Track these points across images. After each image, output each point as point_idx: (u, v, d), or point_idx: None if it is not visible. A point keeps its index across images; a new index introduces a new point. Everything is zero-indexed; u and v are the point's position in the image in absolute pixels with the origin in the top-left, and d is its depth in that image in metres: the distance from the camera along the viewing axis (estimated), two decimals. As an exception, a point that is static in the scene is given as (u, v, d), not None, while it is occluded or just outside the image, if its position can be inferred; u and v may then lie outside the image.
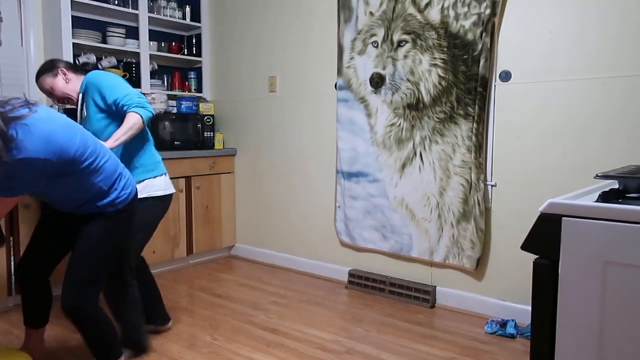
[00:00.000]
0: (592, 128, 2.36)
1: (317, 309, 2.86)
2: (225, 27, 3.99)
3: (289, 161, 3.64)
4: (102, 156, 1.78)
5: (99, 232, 1.82)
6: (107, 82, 2.23)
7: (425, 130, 2.86)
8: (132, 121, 2.15)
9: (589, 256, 1.13)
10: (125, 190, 1.86)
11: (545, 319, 1.21)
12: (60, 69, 2.30)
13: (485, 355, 2.27)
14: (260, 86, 3.78)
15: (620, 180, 1.30)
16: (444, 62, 2.75)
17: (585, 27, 2.35)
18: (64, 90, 2.31)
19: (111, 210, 1.82)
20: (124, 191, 1.86)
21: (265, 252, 3.84)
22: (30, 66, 3.32)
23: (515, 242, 2.61)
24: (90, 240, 1.82)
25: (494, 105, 2.65)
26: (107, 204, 1.81)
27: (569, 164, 2.43)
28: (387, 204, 3.05)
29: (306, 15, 3.44)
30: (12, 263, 2.77)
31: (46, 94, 2.35)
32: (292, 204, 3.64)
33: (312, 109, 3.47)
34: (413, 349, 2.34)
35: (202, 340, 2.42)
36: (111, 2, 3.49)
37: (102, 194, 1.78)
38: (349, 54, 3.16)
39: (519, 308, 2.60)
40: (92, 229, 1.82)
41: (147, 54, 3.68)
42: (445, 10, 2.72)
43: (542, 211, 1.19)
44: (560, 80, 2.43)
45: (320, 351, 2.31)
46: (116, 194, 1.82)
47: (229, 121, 4.02)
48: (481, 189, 2.66)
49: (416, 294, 2.93)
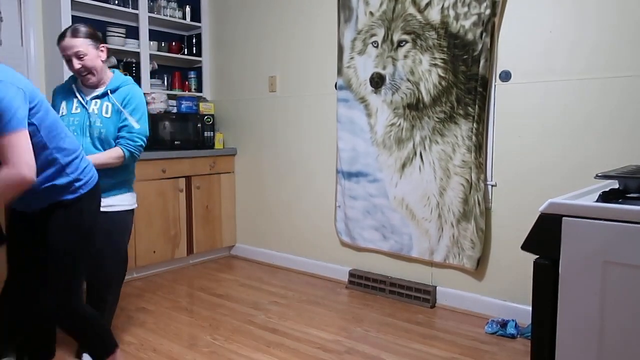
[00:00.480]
0: (592, 128, 2.36)
1: (317, 309, 2.86)
2: (225, 27, 3.99)
3: (289, 161, 3.64)
4: (60, 129, 1.70)
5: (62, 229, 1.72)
6: (139, 106, 2.22)
7: (425, 130, 2.86)
8: (116, 156, 2.14)
9: (589, 256, 1.13)
10: (86, 175, 1.77)
11: (545, 319, 1.20)
12: (104, 46, 2.21)
13: (486, 356, 2.27)
14: (261, 86, 3.78)
15: (620, 180, 1.30)
16: (444, 62, 2.75)
17: (585, 27, 2.35)
18: (95, 65, 2.15)
19: (71, 198, 1.71)
20: (84, 175, 1.75)
21: (266, 252, 3.84)
22: (30, 66, 3.31)
23: (516, 242, 2.61)
24: (57, 243, 1.72)
25: (494, 105, 2.65)
26: (66, 185, 1.70)
27: (569, 163, 2.43)
28: (387, 204, 3.05)
29: (306, 15, 3.44)
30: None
31: (70, 55, 2.13)
32: (293, 203, 3.64)
33: (312, 109, 3.47)
34: (413, 349, 2.34)
35: (202, 340, 2.42)
36: (111, 2, 3.49)
37: (60, 170, 1.68)
38: (349, 54, 3.16)
39: (520, 308, 2.59)
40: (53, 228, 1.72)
41: (147, 54, 3.68)
42: (445, 10, 2.72)
43: (542, 211, 1.19)
44: (560, 80, 2.43)
45: (320, 351, 2.31)
46: (76, 175, 1.72)
47: (229, 121, 4.02)
48: (481, 189, 2.66)
49: (416, 294, 2.93)
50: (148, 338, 2.44)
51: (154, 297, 3.01)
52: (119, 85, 2.22)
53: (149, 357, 2.23)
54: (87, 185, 1.77)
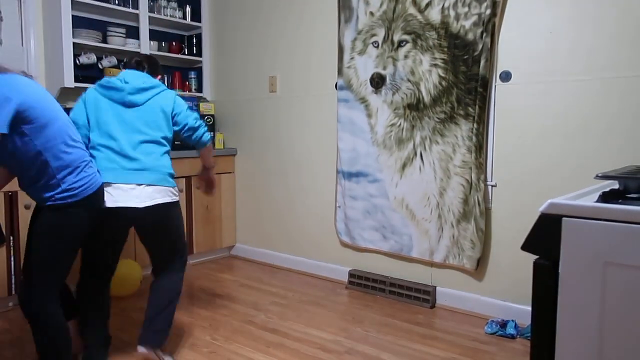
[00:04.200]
0: (592, 128, 2.36)
1: (317, 309, 2.86)
2: (226, 27, 3.99)
3: (289, 161, 3.64)
4: (62, 140, 1.79)
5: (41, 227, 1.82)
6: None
7: (426, 130, 2.85)
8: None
9: (589, 256, 1.12)
10: (81, 186, 1.84)
11: (545, 319, 1.20)
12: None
13: (485, 356, 2.27)
14: (261, 86, 3.78)
15: (620, 180, 1.29)
16: (444, 62, 2.75)
17: (585, 27, 2.35)
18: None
19: (58, 204, 1.80)
20: (76, 185, 1.83)
21: (266, 252, 3.84)
22: (30, 66, 3.32)
23: (516, 243, 2.61)
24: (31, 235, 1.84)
25: (494, 105, 2.65)
26: (54, 191, 1.78)
27: (569, 164, 2.43)
28: (388, 204, 3.05)
29: (307, 15, 3.44)
30: (12, 263, 2.77)
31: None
32: (293, 204, 3.64)
33: (312, 109, 3.47)
34: (413, 349, 2.34)
35: (202, 340, 2.42)
36: (111, 2, 3.49)
37: (51, 177, 1.77)
38: (349, 54, 3.16)
39: (519, 308, 2.59)
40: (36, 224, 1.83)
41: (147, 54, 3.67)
42: (445, 10, 2.72)
43: (543, 211, 1.19)
44: (561, 81, 2.43)
45: (320, 351, 2.31)
46: (67, 185, 1.80)
47: (229, 121, 4.02)
48: (481, 189, 2.66)
49: (416, 294, 2.93)
50: (148, 338, 2.44)
51: (153, 297, 3.00)
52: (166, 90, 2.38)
53: (148, 357, 2.23)
54: (77, 196, 1.82)
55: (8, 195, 2.74)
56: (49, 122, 1.74)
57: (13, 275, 2.79)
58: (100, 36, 3.49)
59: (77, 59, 3.39)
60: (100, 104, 2.10)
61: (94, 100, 2.11)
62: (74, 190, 1.81)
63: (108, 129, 2.06)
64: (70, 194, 1.80)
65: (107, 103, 2.09)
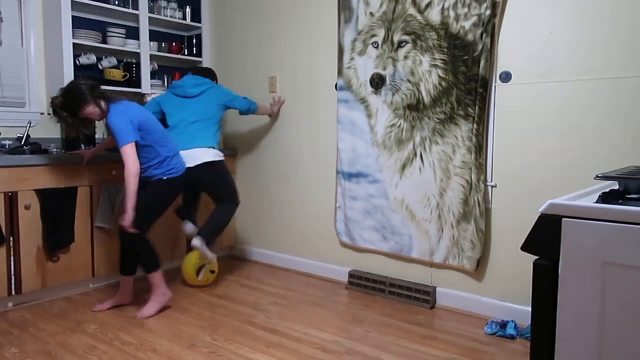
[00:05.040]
0: (592, 128, 2.36)
1: (317, 309, 2.87)
2: (226, 28, 3.99)
3: (289, 161, 3.64)
4: (163, 141, 2.79)
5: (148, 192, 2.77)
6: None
7: (426, 130, 2.86)
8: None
9: (589, 257, 1.13)
10: (174, 168, 2.82)
11: (545, 320, 1.21)
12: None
13: (485, 356, 2.27)
14: (260, 86, 3.78)
15: (620, 181, 1.30)
16: (444, 62, 2.75)
17: (584, 28, 2.35)
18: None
19: (161, 177, 2.79)
20: (172, 167, 2.82)
21: (266, 252, 3.84)
22: (30, 66, 3.32)
23: (515, 243, 2.61)
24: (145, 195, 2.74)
25: (494, 106, 2.65)
26: (159, 171, 2.77)
27: (569, 164, 2.43)
28: (387, 205, 3.05)
29: (307, 16, 3.44)
30: (12, 263, 2.77)
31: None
32: (292, 204, 3.64)
33: (312, 110, 3.47)
34: (413, 349, 2.34)
35: (202, 340, 2.42)
36: (111, 2, 3.49)
37: (160, 162, 2.75)
38: (349, 55, 3.16)
39: (519, 309, 2.60)
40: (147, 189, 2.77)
41: (147, 54, 3.68)
42: (445, 11, 2.72)
43: (542, 212, 1.19)
44: (560, 81, 2.44)
45: (320, 352, 2.31)
46: (167, 167, 2.79)
47: (229, 121, 4.02)
48: (481, 190, 2.66)
49: (416, 294, 2.93)
50: (148, 338, 2.44)
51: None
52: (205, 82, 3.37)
53: (148, 358, 2.23)
54: (172, 174, 2.80)
55: (8, 196, 2.74)
56: (153, 130, 2.72)
57: (13, 275, 2.78)
58: (100, 37, 3.50)
59: (77, 59, 3.39)
60: (168, 97, 3.25)
61: (165, 97, 3.27)
62: (172, 170, 2.81)
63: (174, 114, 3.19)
64: (170, 172, 2.80)
65: (172, 97, 3.24)
